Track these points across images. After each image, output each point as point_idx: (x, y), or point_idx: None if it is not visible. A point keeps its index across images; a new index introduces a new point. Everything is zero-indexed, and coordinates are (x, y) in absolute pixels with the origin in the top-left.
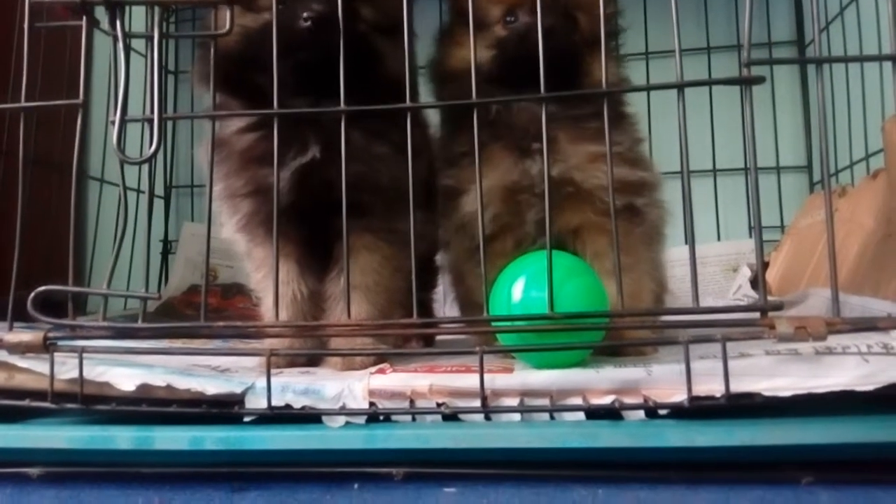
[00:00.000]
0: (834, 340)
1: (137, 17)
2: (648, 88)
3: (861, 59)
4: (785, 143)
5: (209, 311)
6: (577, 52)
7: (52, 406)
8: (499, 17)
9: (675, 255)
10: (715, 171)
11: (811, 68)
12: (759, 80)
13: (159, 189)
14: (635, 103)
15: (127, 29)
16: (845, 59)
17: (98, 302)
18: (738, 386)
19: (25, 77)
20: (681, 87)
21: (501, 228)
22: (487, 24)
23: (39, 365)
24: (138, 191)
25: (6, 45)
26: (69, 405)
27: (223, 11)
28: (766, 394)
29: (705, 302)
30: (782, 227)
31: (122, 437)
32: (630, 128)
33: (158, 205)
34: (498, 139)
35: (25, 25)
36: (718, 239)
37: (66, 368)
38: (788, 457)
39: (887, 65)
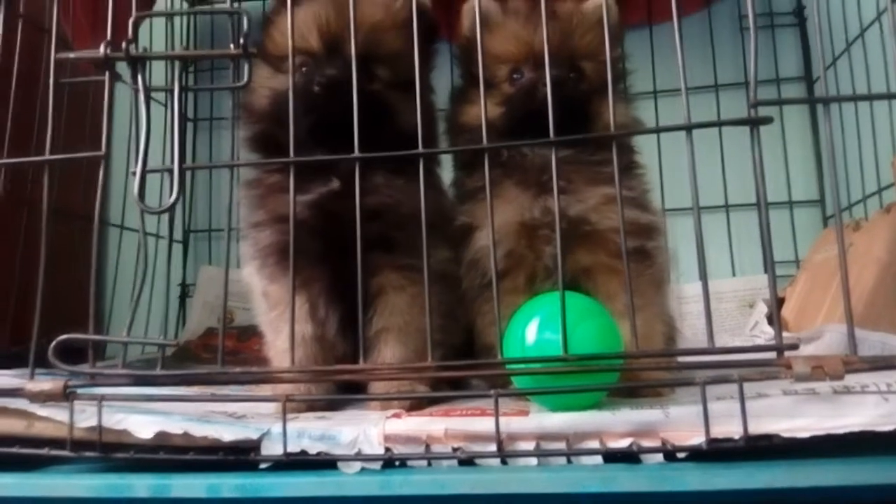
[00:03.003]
0: (852, 379)
1: (157, 67)
2: (658, 131)
3: (869, 97)
4: (797, 177)
5: (225, 353)
6: (585, 100)
7: (71, 454)
8: (506, 76)
9: (690, 291)
10: (727, 207)
11: (820, 105)
12: (767, 120)
13: (177, 234)
14: (646, 140)
15: (148, 82)
16: (853, 98)
17: (117, 345)
18: (756, 427)
19: (50, 130)
20: (689, 128)
21: (514, 265)
22: (496, 84)
23: (59, 413)
24: (157, 236)
25: (30, 99)
26: (88, 453)
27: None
28: (785, 435)
29: (721, 338)
30: (797, 261)
31: (140, 486)
32: (640, 177)
33: (176, 249)
34: (510, 178)
35: (51, 81)
36: (734, 274)
37: (84, 416)
38: (809, 499)
39: None
